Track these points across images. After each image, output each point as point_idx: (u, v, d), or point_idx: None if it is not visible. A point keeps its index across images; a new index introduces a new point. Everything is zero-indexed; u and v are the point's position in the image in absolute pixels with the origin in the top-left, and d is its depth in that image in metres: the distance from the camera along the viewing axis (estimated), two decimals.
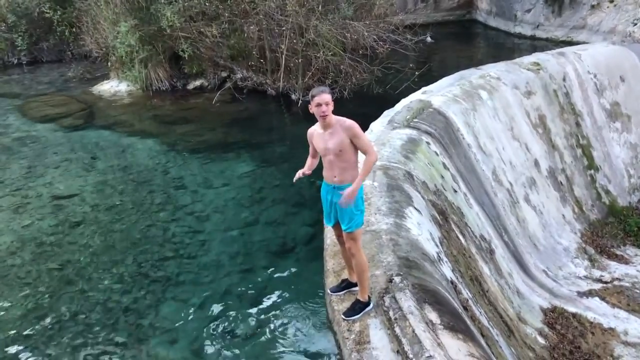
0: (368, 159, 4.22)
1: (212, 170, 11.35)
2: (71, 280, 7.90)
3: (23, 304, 7.41)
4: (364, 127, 8.65)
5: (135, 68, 16.42)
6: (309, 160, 4.78)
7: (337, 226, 4.56)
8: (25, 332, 6.86)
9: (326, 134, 4.35)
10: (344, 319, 4.30)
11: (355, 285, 4.59)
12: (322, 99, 4.23)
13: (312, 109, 4.31)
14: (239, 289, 7.60)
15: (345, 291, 4.68)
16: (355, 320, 4.28)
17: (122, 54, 16.26)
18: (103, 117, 14.84)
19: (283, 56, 15.16)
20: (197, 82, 16.96)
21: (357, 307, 4.35)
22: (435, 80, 10.59)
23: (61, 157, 12.14)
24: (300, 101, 14.96)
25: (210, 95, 15.71)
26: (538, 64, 11.09)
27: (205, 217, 9.54)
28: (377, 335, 4.07)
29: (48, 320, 7.08)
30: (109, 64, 17.56)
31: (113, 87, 17.01)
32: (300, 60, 14.97)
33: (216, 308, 7.24)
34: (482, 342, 4.60)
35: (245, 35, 15.82)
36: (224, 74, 16.77)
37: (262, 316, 6.97)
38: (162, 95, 16.39)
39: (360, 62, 15.27)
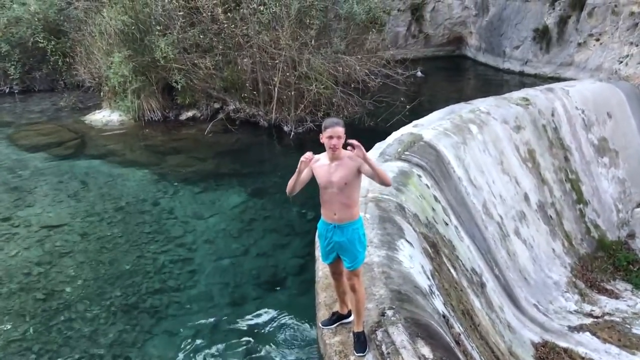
0: (379, 173, 4.14)
1: (203, 201, 11.32)
2: (57, 310, 7.77)
3: (7, 334, 7.26)
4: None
5: (127, 98, 16.47)
6: (295, 179, 4.39)
7: (334, 264, 4.45)
8: None
9: (332, 166, 4.22)
10: (360, 356, 4.20)
11: (345, 317, 4.58)
12: (335, 132, 4.12)
13: (323, 139, 4.19)
14: (229, 321, 7.50)
15: (336, 324, 4.64)
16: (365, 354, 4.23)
17: (115, 84, 16.33)
18: (94, 147, 14.82)
19: (276, 88, 15.30)
20: (190, 113, 17.02)
21: (363, 339, 4.30)
22: (426, 114, 10.72)
23: (51, 186, 12.07)
24: (292, 133, 15.05)
25: (203, 126, 15.77)
26: (527, 99, 11.28)
27: (195, 248, 9.47)
28: None
29: (33, 350, 6.94)
30: (102, 93, 17.62)
31: (105, 116, 17.02)
32: (292, 93, 15.12)
33: (205, 341, 7.13)
34: None
35: (239, 67, 15.98)
36: (216, 105, 16.86)
37: (252, 350, 6.87)
38: (154, 126, 16.42)
39: (352, 95, 15.46)
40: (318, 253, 5.40)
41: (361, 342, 4.26)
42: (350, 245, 4.25)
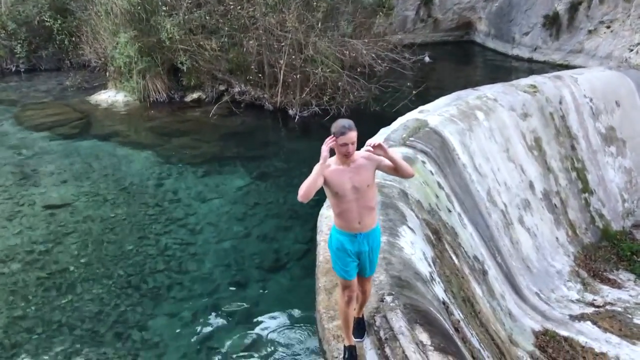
0: (401, 167, 3.85)
1: (207, 184, 11.33)
2: (60, 290, 7.83)
3: (11, 312, 7.33)
4: (361, 145, 8.69)
5: (133, 79, 16.44)
6: (314, 179, 3.74)
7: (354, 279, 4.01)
8: (12, 341, 6.78)
9: (349, 170, 3.79)
10: (359, 341, 4.12)
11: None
12: (350, 139, 3.69)
13: (335, 145, 3.74)
14: (230, 303, 7.55)
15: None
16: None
17: (121, 65, 16.28)
18: (99, 127, 14.82)
19: (281, 71, 15.21)
20: (195, 95, 16.97)
21: (362, 325, 4.23)
22: (432, 100, 10.62)
23: (56, 166, 12.10)
24: (297, 117, 14.99)
25: (208, 108, 15.73)
26: (535, 87, 11.15)
27: (199, 230, 9.50)
28: (367, 355, 4.02)
29: (36, 329, 7.01)
30: (107, 74, 17.58)
31: (110, 97, 17.01)
32: (298, 76, 15.03)
33: (206, 322, 7.19)
34: None
35: (245, 49, 15.88)
36: (221, 88, 16.80)
37: (253, 332, 6.92)
38: (159, 107, 16.40)
39: (358, 79, 15.34)
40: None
41: (360, 328, 4.22)
42: (375, 254, 3.97)
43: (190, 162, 12.41)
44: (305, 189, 3.66)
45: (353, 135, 3.71)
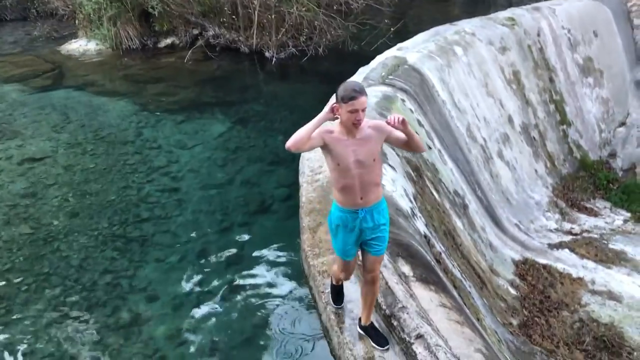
0: (412, 140, 3.42)
1: (186, 130, 11.23)
2: (46, 241, 7.84)
3: None
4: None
5: (103, 26, 15.94)
6: (310, 129, 3.30)
7: (353, 259, 3.71)
8: (0, 294, 6.83)
9: (353, 142, 3.32)
10: (384, 349, 3.66)
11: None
12: (361, 104, 3.18)
13: (341, 112, 3.25)
14: (217, 247, 7.63)
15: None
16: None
17: (90, 12, 15.75)
18: (72, 77, 14.46)
19: (256, 12, 14.83)
20: (169, 40, 16.54)
21: (377, 330, 3.76)
22: (411, 37, 10.51)
23: (30, 119, 11.86)
24: (274, 59, 14.75)
25: (182, 54, 15.38)
26: (513, 19, 11.07)
27: (181, 177, 9.48)
28: (351, 288, 4.14)
29: (25, 281, 7.05)
30: (77, 22, 17.01)
31: (82, 46, 16.51)
32: (273, 17, 14.68)
33: (194, 267, 7.28)
34: (454, 293, 4.73)
35: None
36: (195, 32, 16.38)
37: (240, 273, 7.04)
38: (133, 54, 15.99)
39: (335, 18, 15.03)
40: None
41: (378, 335, 3.74)
42: (382, 231, 3.52)
43: (168, 109, 12.24)
44: (296, 139, 3.23)
45: (364, 100, 3.19)
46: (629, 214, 9.53)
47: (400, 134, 3.37)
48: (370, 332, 3.73)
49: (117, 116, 11.98)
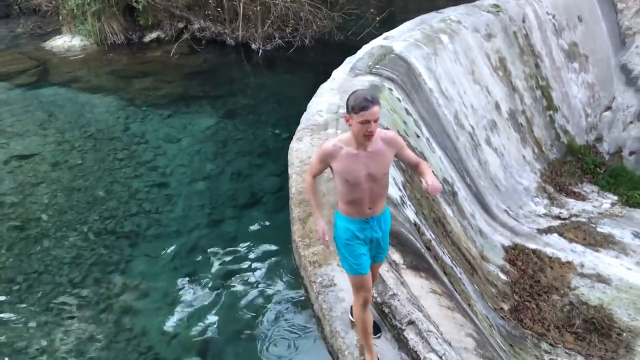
0: (420, 164, 3.33)
1: (173, 125, 11.17)
2: (36, 239, 7.80)
3: None
4: (327, 75, 8.62)
5: (88, 21, 15.75)
6: (314, 195, 3.48)
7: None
8: None
9: (365, 155, 3.16)
10: (375, 337, 3.65)
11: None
12: (373, 114, 3.00)
13: (352, 123, 3.08)
14: (208, 241, 7.63)
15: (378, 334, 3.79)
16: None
17: (73, 7, 15.56)
18: (58, 74, 14.31)
19: (241, 4, 14.74)
20: (154, 34, 16.39)
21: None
22: (397, 26, 10.51)
23: (16, 117, 11.74)
24: (260, 51, 14.69)
25: (168, 48, 15.27)
26: (498, 6, 11.08)
27: (170, 172, 9.45)
28: (343, 277, 4.16)
29: (15, 279, 7.02)
30: (60, 18, 16.79)
31: (66, 42, 16.32)
32: (258, 8, 14.61)
33: (186, 260, 7.29)
34: (445, 279, 4.77)
35: None
36: (180, 25, 16.23)
37: (232, 266, 7.05)
38: (118, 49, 15.84)
39: (320, 8, 14.98)
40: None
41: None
42: (387, 239, 3.46)
43: (155, 104, 12.16)
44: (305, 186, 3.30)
45: (376, 110, 3.00)
46: (616, 197, 9.62)
47: (411, 156, 3.31)
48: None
49: (104, 112, 11.89)
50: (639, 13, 12.31)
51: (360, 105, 2.98)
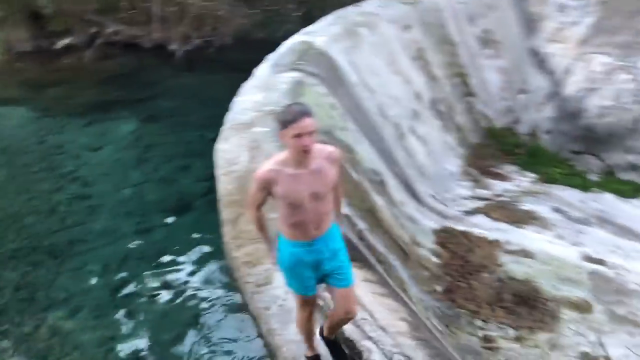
0: (339, 192, 3.36)
1: (92, 133, 10.74)
2: None
3: None
4: (249, 73, 8.52)
5: None
6: (264, 230, 3.32)
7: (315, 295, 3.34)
8: None
9: (306, 173, 2.97)
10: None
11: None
12: (306, 127, 2.82)
13: (286, 139, 2.89)
14: (138, 250, 7.40)
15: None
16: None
17: None
18: None
19: (154, 5, 14.36)
20: (66, 41, 15.69)
21: (339, 346, 3.50)
22: (317, 20, 10.53)
23: None
24: (179, 52, 14.39)
25: (81, 54, 14.70)
26: None
27: (92, 182, 9.08)
28: (278, 276, 4.12)
29: None
30: None
31: None
32: (173, 9, 14.28)
33: (117, 273, 7.02)
34: (379, 268, 4.82)
35: None
36: (93, 30, 15.65)
37: (165, 274, 6.87)
38: (27, 58, 15.07)
39: (238, 5, 14.83)
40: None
41: (338, 350, 3.49)
42: (341, 258, 3.22)
43: (71, 113, 11.65)
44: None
45: (309, 122, 2.82)
46: (535, 175, 10.07)
47: (337, 175, 3.17)
48: (332, 347, 3.48)
49: (16, 125, 11.28)
50: (544, 0, 12.90)
51: (290, 119, 2.82)
